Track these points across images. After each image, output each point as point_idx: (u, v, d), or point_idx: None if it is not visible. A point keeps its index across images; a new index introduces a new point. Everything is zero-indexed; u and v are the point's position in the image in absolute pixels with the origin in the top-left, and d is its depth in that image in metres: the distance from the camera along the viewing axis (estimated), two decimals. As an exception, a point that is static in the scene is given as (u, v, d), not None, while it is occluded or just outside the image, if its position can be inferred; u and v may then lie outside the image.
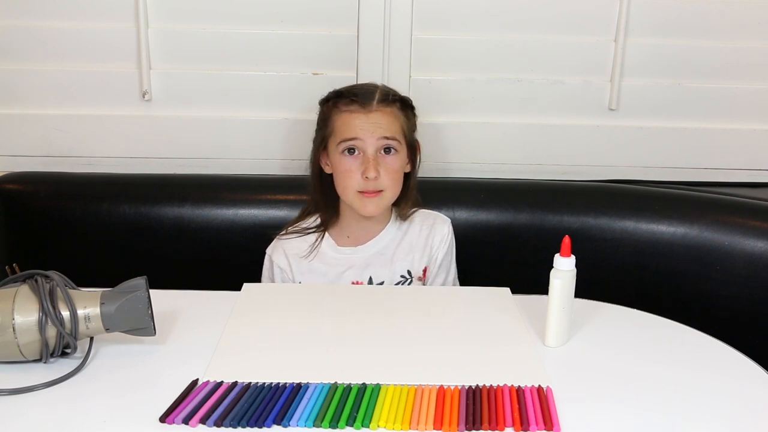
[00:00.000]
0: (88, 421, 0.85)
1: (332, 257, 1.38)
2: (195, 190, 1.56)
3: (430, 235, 1.41)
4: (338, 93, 1.38)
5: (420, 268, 1.39)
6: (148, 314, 0.97)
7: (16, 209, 1.52)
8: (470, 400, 0.89)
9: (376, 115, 1.33)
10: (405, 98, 1.40)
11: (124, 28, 1.58)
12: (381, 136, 1.32)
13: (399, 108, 1.36)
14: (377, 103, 1.34)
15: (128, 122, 1.63)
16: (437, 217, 1.44)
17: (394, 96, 1.37)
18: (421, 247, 1.40)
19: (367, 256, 1.38)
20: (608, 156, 1.69)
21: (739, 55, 1.65)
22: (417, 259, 1.39)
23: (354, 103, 1.34)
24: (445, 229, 1.42)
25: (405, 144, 1.36)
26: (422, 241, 1.40)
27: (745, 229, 1.47)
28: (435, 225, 1.42)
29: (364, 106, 1.33)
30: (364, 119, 1.32)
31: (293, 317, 1.12)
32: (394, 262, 1.38)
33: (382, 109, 1.34)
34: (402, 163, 1.36)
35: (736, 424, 0.87)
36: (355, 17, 1.59)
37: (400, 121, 1.35)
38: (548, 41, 1.63)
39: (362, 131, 1.32)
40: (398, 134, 1.34)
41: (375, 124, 1.32)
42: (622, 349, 1.04)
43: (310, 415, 0.85)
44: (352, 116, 1.33)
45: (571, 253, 1.02)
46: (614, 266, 1.52)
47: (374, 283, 1.37)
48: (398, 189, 1.36)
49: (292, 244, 1.39)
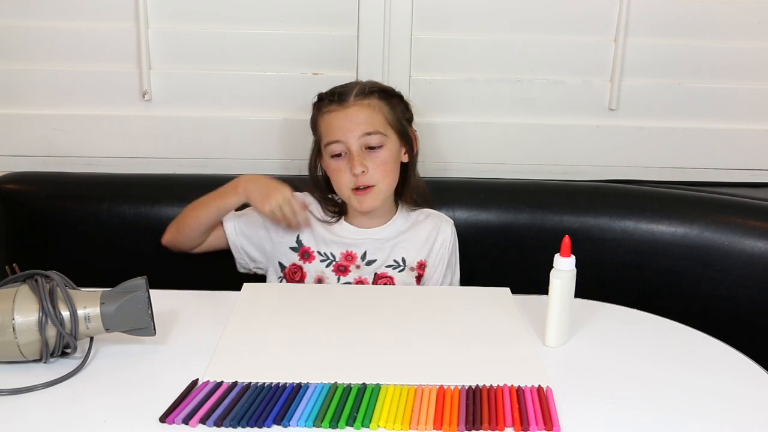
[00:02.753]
0: (88, 421, 0.85)
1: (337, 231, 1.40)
2: (195, 190, 1.55)
3: (433, 231, 1.42)
4: (321, 96, 1.40)
5: (416, 260, 1.40)
6: (148, 314, 0.97)
7: (16, 209, 1.52)
8: (470, 400, 0.89)
9: (354, 110, 1.34)
10: (386, 88, 1.40)
11: (124, 28, 1.58)
12: (362, 133, 1.33)
13: (378, 98, 1.36)
14: (354, 97, 1.35)
15: (128, 122, 1.63)
16: (441, 217, 1.45)
17: (371, 88, 1.37)
18: (421, 241, 1.41)
19: (370, 239, 1.40)
20: (608, 156, 1.69)
21: (739, 55, 1.65)
22: (415, 250, 1.40)
23: (333, 102, 1.36)
24: (449, 229, 1.43)
25: (395, 133, 1.37)
26: (424, 236, 1.41)
27: (745, 229, 1.47)
28: (440, 224, 1.43)
29: (342, 103, 1.35)
30: (342, 117, 1.34)
31: (293, 317, 1.12)
32: (391, 247, 1.39)
33: (360, 102, 1.35)
34: (392, 154, 1.36)
35: (736, 424, 0.87)
36: (355, 17, 1.59)
37: (383, 112, 1.36)
38: (548, 41, 1.63)
39: (342, 131, 1.33)
40: (381, 126, 1.35)
41: (354, 121, 1.33)
42: (622, 349, 1.04)
43: (310, 415, 0.85)
44: (332, 116, 1.35)
45: (571, 253, 1.02)
46: (614, 266, 1.52)
47: (367, 258, 1.38)
48: (392, 180, 1.37)
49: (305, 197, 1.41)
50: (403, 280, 1.38)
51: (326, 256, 1.38)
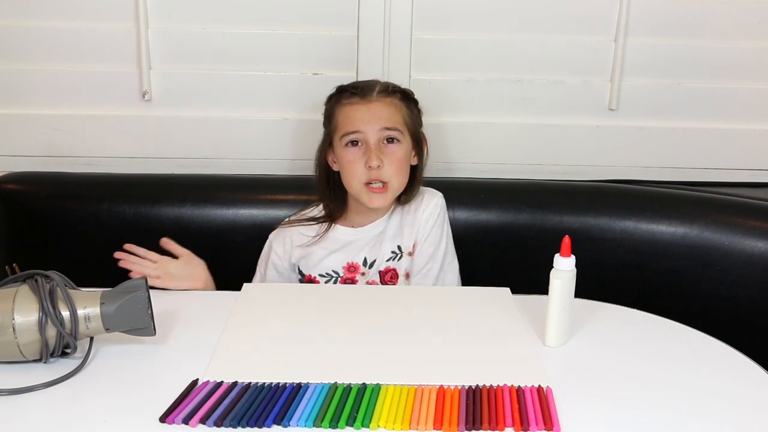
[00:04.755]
0: (88, 421, 0.85)
1: (333, 238, 1.39)
2: (195, 190, 1.56)
3: (419, 208, 1.40)
4: (340, 88, 1.40)
5: (410, 243, 1.39)
6: (148, 314, 0.97)
7: (16, 209, 1.52)
8: (470, 400, 0.89)
9: (377, 105, 1.34)
10: (407, 90, 1.41)
11: (124, 28, 1.58)
12: (382, 127, 1.33)
13: (400, 99, 1.38)
14: (377, 93, 1.36)
15: (128, 122, 1.63)
16: (427, 191, 1.43)
17: (394, 87, 1.39)
18: (410, 222, 1.40)
19: (364, 238, 1.39)
20: (608, 156, 1.69)
21: (739, 55, 1.65)
22: (407, 234, 1.39)
23: (355, 95, 1.36)
24: (433, 201, 1.40)
25: (409, 135, 1.37)
26: (411, 216, 1.40)
27: (745, 229, 1.47)
28: (424, 198, 1.41)
29: (365, 97, 1.35)
30: (364, 111, 1.34)
31: (293, 317, 1.12)
32: (387, 240, 1.39)
33: (383, 99, 1.36)
34: (406, 153, 1.37)
35: (736, 424, 0.87)
36: (355, 17, 1.59)
37: (402, 113, 1.37)
38: (548, 41, 1.63)
39: (363, 123, 1.33)
40: (400, 124, 1.35)
41: (375, 115, 1.34)
42: (622, 349, 1.04)
43: (310, 415, 0.85)
44: (353, 108, 1.35)
45: (571, 253, 1.02)
46: (614, 266, 1.52)
47: (368, 262, 1.38)
48: (404, 179, 1.37)
49: (292, 233, 1.41)
50: (404, 266, 1.38)
51: (329, 275, 1.38)
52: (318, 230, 1.40)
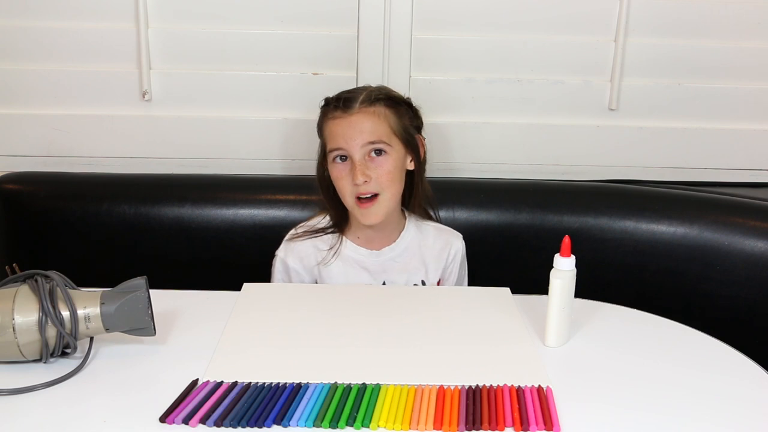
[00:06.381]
0: (88, 421, 0.85)
1: (350, 257, 1.37)
2: (195, 190, 1.56)
3: (445, 249, 1.41)
4: (327, 101, 1.37)
5: (434, 280, 1.39)
6: (148, 314, 0.97)
7: (16, 209, 1.52)
8: (470, 400, 0.89)
9: (359, 117, 1.31)
10: (394, 95, 1.37)
11: (124, 28, 1.58)
12: (365, 142, 1.30)
13: (385, 106, 1.33)
14: (360, 104, 1.31)
15: (128, 122, 1.63)
16: (451, 232, 1.44)
17: (377, 95, 1.34)
18: (434, 259, 1.40)
19: (383, 261, 1.38)
20: (608, 156, 1.69)
21: (739, 55, 1.65)
22: (432, 270, 1.39)
23: (337, 109, 1.33)
24: (458, 244, 1.42)
25: (400, 142, 1.34)
26: (436, 254, 1.40)
27: (745, 229, 1.47)
28: (450, 240, 1.42)
29: (347, 110, 1.31)
30: (346, 125, 1.31)
31: (293, 317, 1.12)
32: (408, 270, 1.38)
33: (365, 110, 1.31)
34: (396, 163, 1.33)
35: (736, 424, 0.87)
36: (355, 17, 1.59)
37: (388, 121, 1.32)
38: (548, 41, 1.63)
39: (344, 139, 1.30)
40: (386, 135, 1.32)
41: (357, 129, 1.30)
42: (622, 349, 1.04)
43: (310, 415, 0.85)
44: (335, 123, 1.32)
45: (571, 253, 1.02)
46: (614, 266, 1.52)
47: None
48: (397, 189, 1.35)
49: (306, 248, 1.38)
50: None
51: None
52: (331, 242, 1.38)
